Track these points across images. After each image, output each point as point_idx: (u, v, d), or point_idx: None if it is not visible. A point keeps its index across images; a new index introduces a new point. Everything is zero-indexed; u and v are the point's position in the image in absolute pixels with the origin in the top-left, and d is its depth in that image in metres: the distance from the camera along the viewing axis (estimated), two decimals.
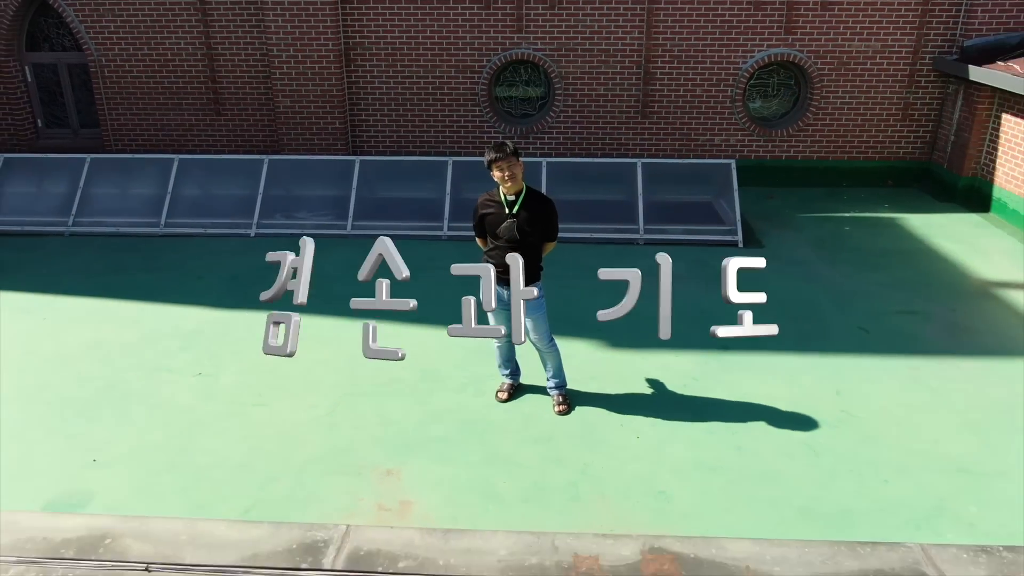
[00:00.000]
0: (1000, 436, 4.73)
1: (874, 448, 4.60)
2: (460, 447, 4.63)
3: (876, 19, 9.41)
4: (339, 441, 4.71)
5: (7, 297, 6.89)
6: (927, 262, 7.70)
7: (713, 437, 4.70)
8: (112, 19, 9.93)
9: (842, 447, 4.61)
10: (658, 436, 4.73)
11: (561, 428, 4.84)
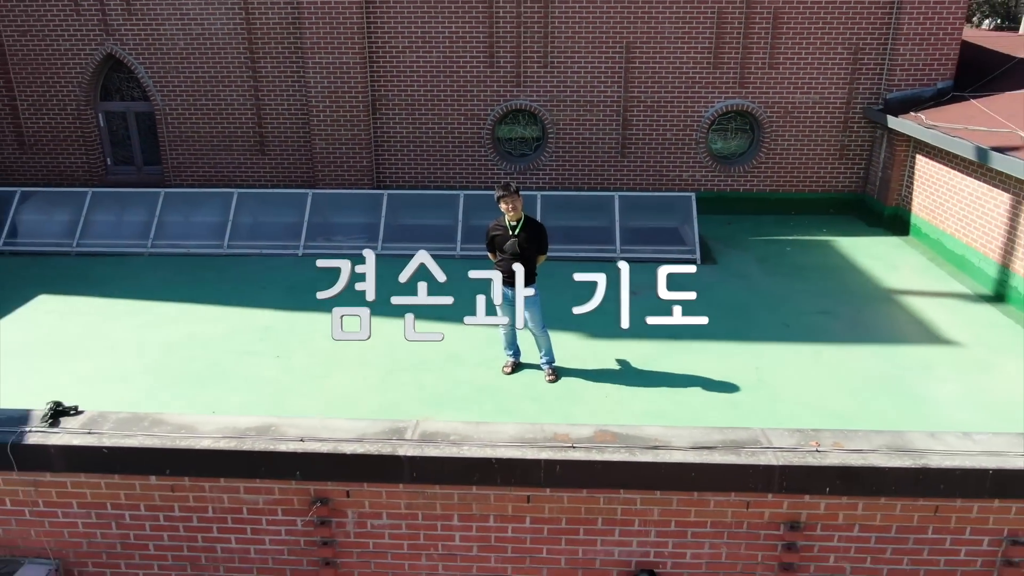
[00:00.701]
0: (870, 397, 6.54)
1: (776, 403, 6.40)
2: (477, 403, 6.43)
3: (814, 75, 11.39)
4: (388, 400, 6.50)
5: (113, 302, 8.72)
6: (848, 275, 9.56)
7: (660, 396, 6.51)
8: (176, 75, 11.88)
9: (752, 402, 6.41)
10: (620, 395, 6.54)
11: (550, 391, 6.65)
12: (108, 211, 10.75)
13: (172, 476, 4.47)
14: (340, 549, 4.57)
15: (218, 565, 4.69)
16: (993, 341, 7.70)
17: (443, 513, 4.44)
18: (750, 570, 4.45)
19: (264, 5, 11.44)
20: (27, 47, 11.89)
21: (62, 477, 4.50)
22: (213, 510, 4.53)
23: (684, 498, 4.29)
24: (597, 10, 11.21)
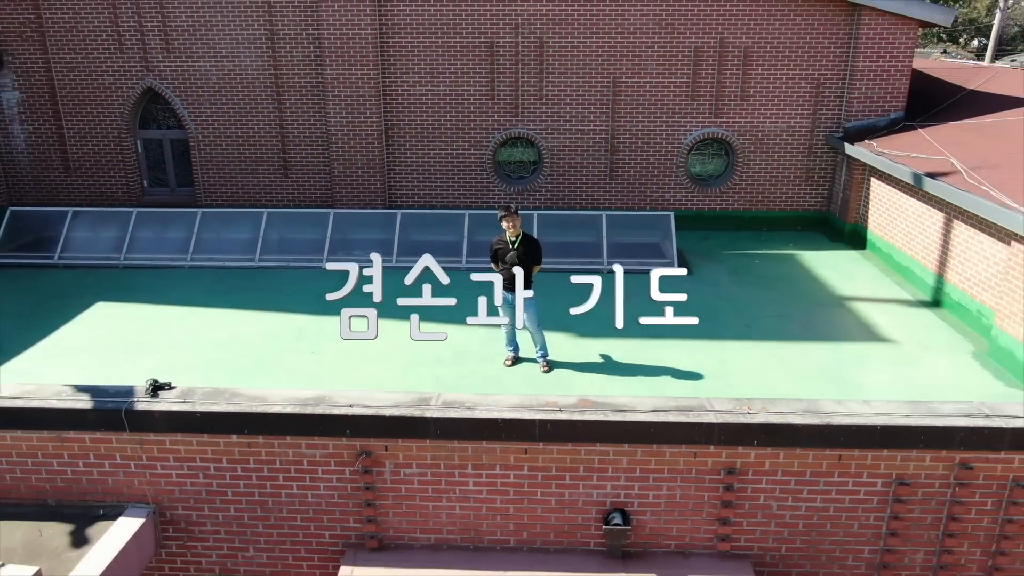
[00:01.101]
0: (811, 384, 7.83)
1: (732, 388, 7.69)
2: (483, 389, 7.70)
3: (781, 107, 12.79)
4: (410, 386, 7.74)
5: (163, 308, 10.03)
6: (807, 284, 10.90)
7: (636, 382, 7.80)
8: (208, 106, 13.25)
9: (712, 387, 7.70)
10: (604, 382, 7.83)
11: (545, 380, 7.94)
12: (150, 229, 12.07)
13: (248, 435, 5.75)
14: (379, 493, 5.85)
15: (282, 508, 5.96)
16: (924, 340, 9.02)
17: (460, 463, 5.73)
18: (698, 507, 5.74)
19: (289, 44, 12.83)
20: (74, 81, 13.26)
21: (162, 436, 5.79)
22: (280, 463, 5.82)
23: (646, 449, 5.58)
24: (587, 48, 12.61)
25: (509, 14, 12.51)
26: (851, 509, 5.69)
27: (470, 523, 5.87)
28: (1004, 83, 13.82)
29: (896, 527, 5.70)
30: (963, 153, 10.18)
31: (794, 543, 5.80)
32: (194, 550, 6.11)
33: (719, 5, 12.31)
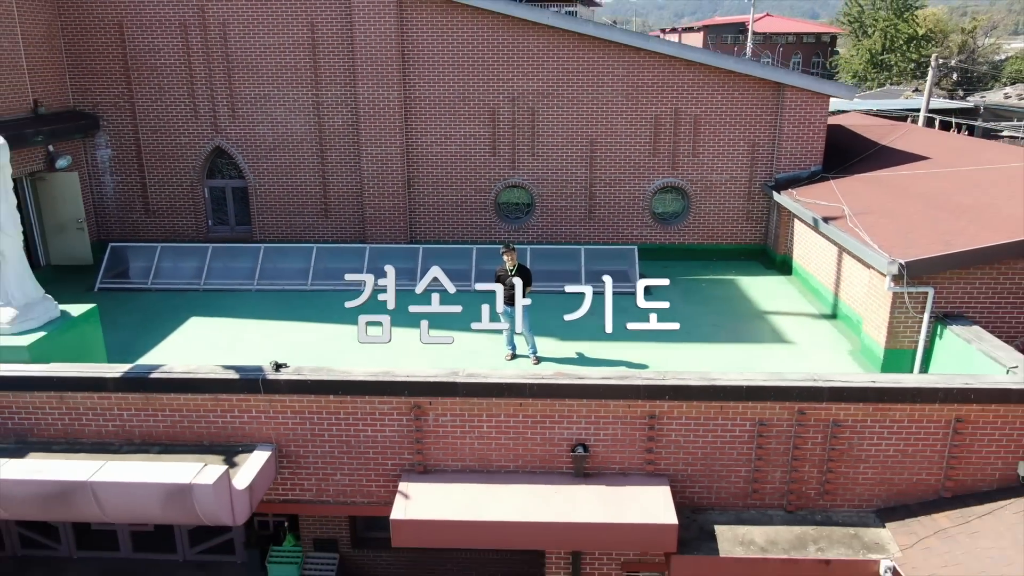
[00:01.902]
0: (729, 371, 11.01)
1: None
2: None
3: (724, 161, 16.12)
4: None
5: (242, 321, 13.22)
6: (740, 302, 14.13)
7: (598, 369, 10.98)
8: (265, 161, 16.55)
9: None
10: (575, 367, 11.00)
11: (534, 370, 11.12)
12: (222, 260, 15.31)
13: (339, 395, 8.90)
14: (424, 434, 8.98)
15: (360, 445, 9.08)
16: (818, 341, 12.25)
17: (477, 413, 8.87)
18: (632, 442, 8.87)
19: (331, 112, 16.18)
20: (156, 141, 16.57)
21: (283, 397, 8.93)
22: (360, 414, 8.96)
23: (598, 403, 8.73)
24: (569, 116, 15.98)
25: (507, 89, 15.89)
26: (731, 442, 8.84)
27: (484, 454, 9.01)
28: (910, 140, 17.17)
29: (760, 454, 8.85)
30: (854, 201, 13.46)
31: (696, 465, 8.93)
32: (299, 475, 9.23)
33: (674, 82, 15.70)
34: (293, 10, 15.71)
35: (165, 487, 7.68)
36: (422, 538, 8.76)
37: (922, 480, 8.91)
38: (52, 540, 13.18)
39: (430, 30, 15.65)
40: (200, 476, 7.77)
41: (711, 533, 8.78)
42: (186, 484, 7.64)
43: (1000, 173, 13.11)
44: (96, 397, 9.04)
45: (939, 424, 8.70)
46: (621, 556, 9.37)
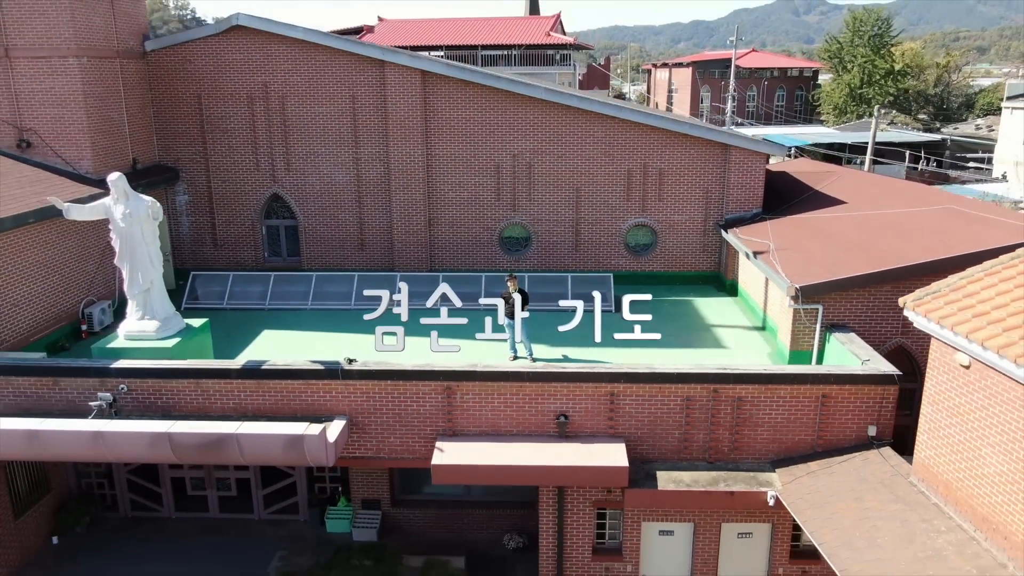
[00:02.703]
0: None
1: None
2: None
3: (684, 205, 20.16)
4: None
5: (303, 333, 17.14)
6: (693, 317, 18.08)
7: (575, 365, 14.91)
8: (313, 205, 20.58)
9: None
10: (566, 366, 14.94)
11: (531, 365, 15.05)
12: (282, 285, 19.29)
13: (394, 380, 12.83)
14: (453, 408, 12.91)
15: (407, 416, 12.98)
16: (747, 347, 16.20)
17: (490, 392, 12.79)
18: (598, 413, 12.78)
19: (367, 166, 20.24)
20: (225, 189, 20.61)
21: (354, 381, 12.86)
22: (409, 393, 12.88)
23: (574, 386, 12.66)
24: (559, 169, 20.05)
25: (509, 148, 19.99)
26: (668, 413, 12.76)
27: (495, 421, 12.92)
28: (836, 185, 21.20)
29: (688, 422, 12.77)
30: (779, 238, 17.46)
31: (643, 429, 12.84)
32: (364, 438, 13.12)
33: (642, 143, 19.80)
34: (338, 85, 19.82)
35: (286, 437, 11.62)
36: (453, 478, 12.72)
37: (801, 439, 12.85)
38: (155, 503, 17.06)
39: (447, 101, 19.76)
40: (308, 431, 11.73)
41: (653, 476, 12.70)
42: (299, 435, 11.59)
43: (890, 216, 17.15)
44: (222, 383, 12.99)
45: (811, 399, 12.66)
46: (591, 496, 13.28)
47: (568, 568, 13.87)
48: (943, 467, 10.99)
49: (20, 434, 11.99)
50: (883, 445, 12.70)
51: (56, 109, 17.44)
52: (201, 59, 19.88)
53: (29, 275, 15.52)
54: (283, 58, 19.75)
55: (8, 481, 14.97)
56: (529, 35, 48.72)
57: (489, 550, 15.72)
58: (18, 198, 15.42)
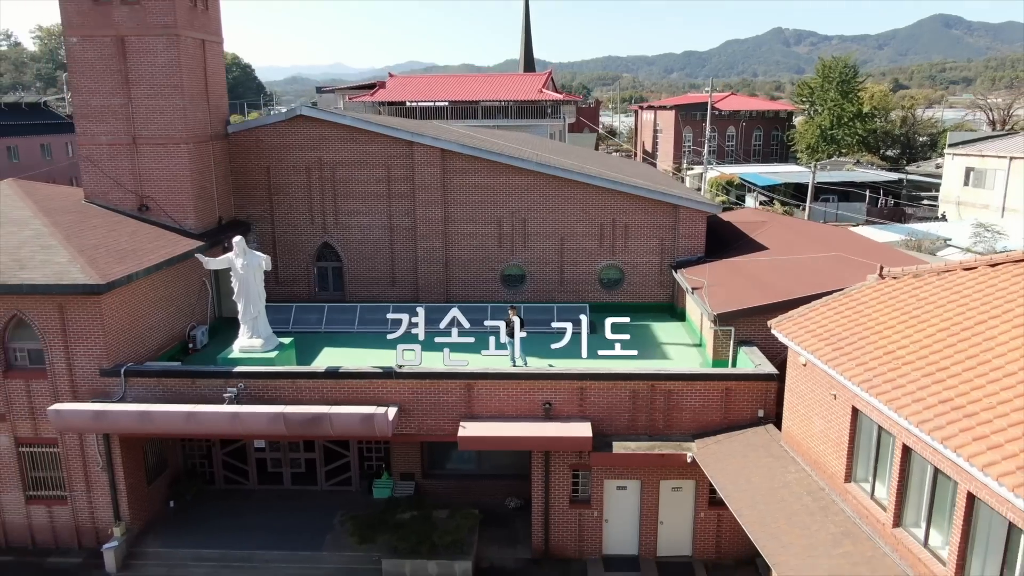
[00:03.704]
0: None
1: None
2: None
3: (644, 250, 26.19)
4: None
5: (352, 350, 23.01)
6: (651, 336, 24.01)
7: (563, 368, 20.81)
8: (355, 251, 26.57)
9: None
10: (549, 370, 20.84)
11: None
12: (333, 314, 25.21)
13: (432, 380, 18.70)
14: (472, 398, 18.75)
15: (440, 404, 18.81)
16: (687, 358, 22.12)
17: (499, 388, 18.65)
18: (573, 402, 18.63)
19: (399, 221, 26.26)
20: (285, 239, 26.59)
21: (404, 381, 18.72)
22: (440, 389, 18.72)
23: (555, 383, 18.53)
24: (548, 223, 26.11)
25: (508, 207, 26.06)
26: (620, 401, 18.64)
27: (500, 408, 18.78)
28: (766, 233, 27.26)
29: (633, 408, 18.63)
30: (712, 277, 23.44)
31: (603, 413, 18.69)
32: (409, 420, 18.94)
33: (612, 202, 25.88)
34: (377, 158, 25.91)
35: (362, 415, 17.50)
36: (473, 446, 18.60)
37: (712, 419, 18.75)
38: (243, 478, 22.82)
39: (460, 171, 25.85)
40: (376, 411, 17.59)
41: (610, 444, 18.57)
42: (371, 413, 17.48)
43: (793, 260, 23.15)
44: (311, 381, 18.87)
45: (719, 391, 18.59)
46: (568, 460, 19.11)
47: (552, 516, 19.65)
48: (796, 432, 16.90)
49: (180, 415, 17.82)
50: (768, 422, 18.60)
51: (169, 182, 23.44)
52: (270, 139, 26.00)
53: (158, 306, 21.40)
54: (334, 138, 25.88)
55: (144, 459, 20.74)
56: (524, 92, 55.24)
57: (495, 510, 21.49)
58: (149, 251, 21.34)
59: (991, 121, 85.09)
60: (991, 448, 10.81)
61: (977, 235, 39.76)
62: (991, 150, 53.08)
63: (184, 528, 20.84)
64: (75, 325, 18.87)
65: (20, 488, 20.20)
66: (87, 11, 22.32)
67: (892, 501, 13.37)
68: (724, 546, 19.60)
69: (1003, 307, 14.00)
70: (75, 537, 20.43)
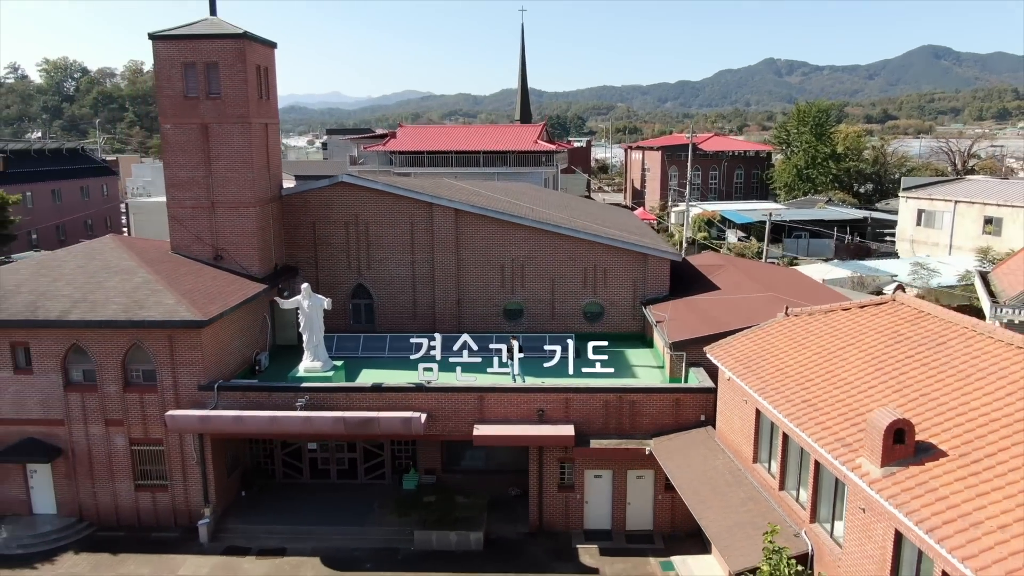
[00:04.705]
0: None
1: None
2: None
3: (620, 289, 32.38)
4: None
5: (383, 371, 29.05)
6: (625, 360, 30.09)
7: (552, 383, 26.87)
8: (384, 290, 32.71)
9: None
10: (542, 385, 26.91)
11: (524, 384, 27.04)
12: (369, 341, 31.29)
13: (452, 393, 24.73)
14: (483, 406, 24.76)
15: (459, 411, 24.79)
16: (648, 376, 28.20)
17: (504, 398, 24.68)
18: (560, 410, 24.64)
19: (420, 266, 32.45)
20: (327, 280, 32.73)
21: (430, 393, 24.75)
22: (459, 399, 24.74)
23: (545, 394, 24.56)
24: (542, 267, 32.33)
25: (508, 254, 32.30)
26: (595, 409, 24.65)
27: (505, 414, 24.76)
28: (721, 275, 33.46)
29: (605, 414, 24.65)
30: (672, 312, 29.58)
31: (583, 418, 24.68)
32: (436, 423, 24.86)
33: (594, 251, 32.11)
34: (402, 216, 32.15)
35: (402, 418, 23.53)
36: (485, 443, 24.57)
37: (666, 423, 24.81)
38: (297, 473, 28.79)
39: (470, 226, 32.10)
40: (413, 415, 23.64)
41: (588, 442, 24.60)
42: (410, 417, 23.51)
43: (737, 299, 29.31)
44: (361, 394, 24.92)
45: (671, 401, 24.68)
46: (556, 454, 25.11)
47: (544, 498, 25.57)
48: (724, 429, 22.96)
49: (265, 418, 23.81)
50: (707, 424, 24.63)
51: (239, 237, 29.60)
52: (315, 201, 32.26)
53: (235, 336, 27.45)
54: (368, 200, 32.15)
55: (225, 457, 26.67)
56: (520, 143, 61.83)
57: (499, 497, 27.41)
58: (229, 293, 27.43)
59: (952, 163, 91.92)
60: (826, 430, 16.91)
61: (915, 272, 45.99)
62: (939, 194, 59.63)
63: (255, 511, 26.71)
64: (180, 351, 24.92)
65: (131, 478, 26.10)
66: (179, 104, 28.64)
67: (778, 472, 19.43)
68: (677, 521, 25.51)
69: (858, 336, 20.19)
70: (172, 517, 26.29)
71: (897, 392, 17.14)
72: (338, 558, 24.37)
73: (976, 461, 14.10)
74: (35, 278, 26.56)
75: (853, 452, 15.79)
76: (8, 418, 25.63)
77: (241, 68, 28.26)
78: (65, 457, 25.95)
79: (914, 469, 14.46)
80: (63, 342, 25.07)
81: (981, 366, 16.91)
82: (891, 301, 21.63)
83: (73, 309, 24.87)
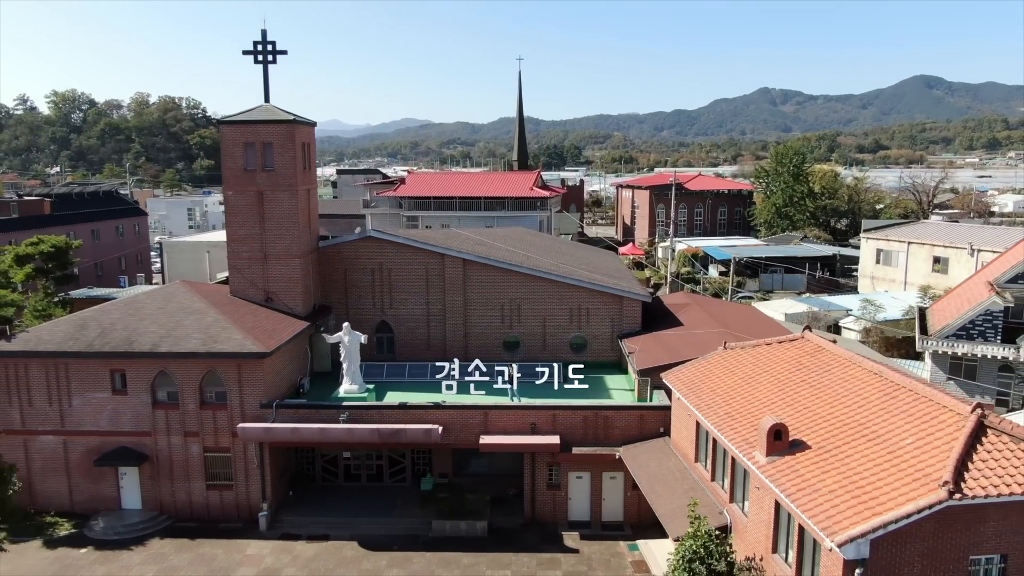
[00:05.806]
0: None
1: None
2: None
3: (600, 324, 39.13)
4: None
5: (405, 393, 35.73)
6: (603, 384, 36.75)
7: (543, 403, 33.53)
8: (404, 326, 39.45)
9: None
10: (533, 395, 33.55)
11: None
12: (392, 368, 37.96)
13: (464, 409, 31.37)
14: (488, 420, 31.38)
15: (469, 425, 31.40)
16: (624, 397, 34.87)
17: (504, 414, 31.30)
18: (549, 423, 31.23)
19: (434, 305, 39.24)
20: (355, 317, 39.43)
21: (446, 411, 31.39)
22: (470, 415, 31.38)
23: (536, 411, 31.20)
24: (536, 307, 39.13)
25: (507, 296, 39.14)
26: (577, 422, 31.24)
27: (504, 427, 31.37)
28: (686, 312, 40.23)
29: (585, 427, 31.27)
30: (642, 344, 36.29)
31: (567, 430, 31.24)
32: (448, 434, 31.46)
33: (578, 294, 38.95)
34: (418, 263, 38.97)
35: (423, 429, 30.16)
36: (489, 449, 31.21)
37: (632, 434, 31.48)
38: (334, 477, 35.39)
39: (476, 272, 38.92)
40: (432, 427, 30.26)
41: (571, 449, 31.20)
42: (429, 428, 30.13)
43: (695, 333, 36.03)
44: (389, 411, 31.58)
45: (637, 416, 31.44)
46: (546, 459, 31.70)
47: (536, 495, 32.08)
48: (676, 438, 29.62)
49: (315, 430, 30.43)
50: (666, 435, 31.25)
51: (286, 283, 36.37)
52: (346, 251, 39.10)
53: (286, 364, 34.09)
54: (390, 250, 39.00)
55: (278, 463, 33.22)
56: (517, 189, 68.96)
57: (500, 496, 33.93)
58: (281, 329, 34.13)
59: (918, 202, 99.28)
60: (737, 434, 23.59)
61: (864, 308, 52.82)
62: (895, 236, 66.72)
63: (302, 507, 33.21)
64: (247, 376, 31.56)
65: (203, 480, 32.60)
66: (239, 175, 35.57)
67: (710, 468, 26.08)
68: (643, 514, 31.94)
69: (771, 365, 26.94)
70: (235, 511, 32.75)
71: (789, 406, 23.85)
72: (371, 542, 30.81)
73: (827, 452, 20.77)
74: (126, 318, 33.27)
75: (752, 448, 22.45)
76: (106, 431, 32.23)
77: (291, 147, 35.24)
78: (150, 462, 32.48)
79: (787, 458, 21.14)
80: (153, 369, 31.73)
81: (849, 387, 23.64)
82: (800, 338, 28.40)
83: (161, 343, 31.57)
